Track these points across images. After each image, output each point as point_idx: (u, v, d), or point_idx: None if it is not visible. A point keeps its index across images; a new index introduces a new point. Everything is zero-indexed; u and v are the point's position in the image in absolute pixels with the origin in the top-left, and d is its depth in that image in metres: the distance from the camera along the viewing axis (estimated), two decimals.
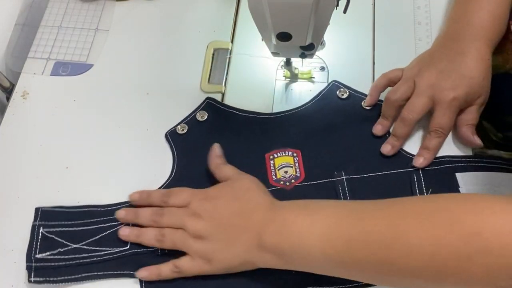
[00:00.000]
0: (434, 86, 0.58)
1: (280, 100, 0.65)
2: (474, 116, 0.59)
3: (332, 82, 0.65)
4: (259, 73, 0.67)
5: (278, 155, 0.60)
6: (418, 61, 0.62)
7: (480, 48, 0.59)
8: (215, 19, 0.72)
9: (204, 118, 0.64)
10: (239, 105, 0.65)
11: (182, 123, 0.64)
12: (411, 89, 0.59)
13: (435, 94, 0.58)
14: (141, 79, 0.68)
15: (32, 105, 0.67)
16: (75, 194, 0.60)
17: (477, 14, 0.60)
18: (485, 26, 0.60)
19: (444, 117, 0.57)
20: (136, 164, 0.62)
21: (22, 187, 0.61)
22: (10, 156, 0.64)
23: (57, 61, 0.71)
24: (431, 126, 0.58)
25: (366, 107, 0.63)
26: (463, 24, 0.61)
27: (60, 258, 0.55)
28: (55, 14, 0.74)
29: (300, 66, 0.66)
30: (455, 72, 0.58)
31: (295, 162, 0.60)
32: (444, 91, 0.57)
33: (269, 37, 0.53)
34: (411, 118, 0.58)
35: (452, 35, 0.61)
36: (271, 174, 0.59)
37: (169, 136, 0.63)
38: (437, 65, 0.59)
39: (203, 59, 0.69)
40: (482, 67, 0.58)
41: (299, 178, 0.59)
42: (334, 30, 0.66)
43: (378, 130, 0.60)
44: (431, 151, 0.58)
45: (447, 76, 0.58)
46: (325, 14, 0.48)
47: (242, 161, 0.59)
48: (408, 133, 0.59)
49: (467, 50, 0.59)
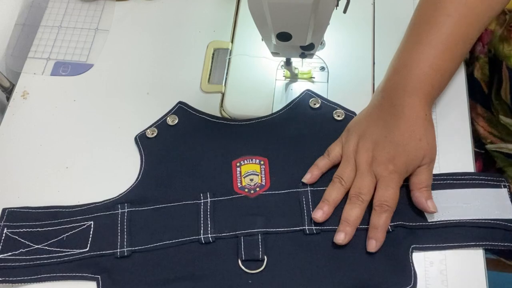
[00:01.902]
0: (373, 162, 0.56)
1: (280, 100, 0.65)
2: (425, 177, 0.55)
3: (305, 91, 0.64)
4: (259, 73, 0.67)
5: (245, 162, 0.60)
6: (356, 128, 0.59)
7: (415, 104, 0.56)
8: (215, 19, 0.72)
9: (175, 122, 0.63)
10: (239, 105, 0.65)
11: (152, 127, 0.63)
12: (354, 171, 0.56)
13: (375, 170, 0.55)
14: (141, 79, 0.68)
15: (32, 105, 0.67)
16: (75, 194, 0.60)
17: (417, 66, 0.57)
18: (423, 80, 0.57)
19: (387, 191, 0.54)
20: (136, 164, 0.62)
21: (22, 187, 0.61)
22: (10, 156, 0.64)
23: (57, 61, 0.71)
24: (375, 201, 0.54)
25: (337, 119, 0.62)
26: (401, 76, 0.58)
27: (21, 259, 0.55)
28: (55, 14, 0.74)
29: (300, 66, 0.66)
30: (389, 141, 0.55)
31: (261, 170, 0.59)
32: (381, 165, 0.55)
33: (269, 37, 0.53)
34: (361, 200, 0.54)
35: (390, 89, 0.59)
36: (237, 182, 0.59)
37: (138, 139, 0.63)
38: (372, 135, 0.57)
39: (203, 59, 0.69)
40: (417, 127, 0.55)
41: (264, 186, 0.58)
42: (334, 30, 0.66)
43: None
44: (380, 229, 0.53)
45: (382, 148, 0.56)
46: (325, 14, 0.48)
47: (208, 167, 0.60)
48: (360, 216, 0.54)
49: (401, 110, 0.56)
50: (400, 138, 0.55)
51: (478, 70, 0.70)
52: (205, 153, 0.61)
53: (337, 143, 0.59)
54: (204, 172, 0.59)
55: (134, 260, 0.55)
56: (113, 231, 0.56)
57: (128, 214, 0.57)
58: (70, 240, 0.56)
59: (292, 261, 0.54)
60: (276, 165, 0.60)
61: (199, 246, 0.55)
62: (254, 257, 0.54)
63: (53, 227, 0.57)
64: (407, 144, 0.55)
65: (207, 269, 0.54)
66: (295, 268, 0.54)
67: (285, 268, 0.54)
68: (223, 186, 0.58)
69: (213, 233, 0.56)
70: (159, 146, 0.62)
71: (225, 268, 0.54)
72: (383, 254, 0.53)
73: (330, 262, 0.54)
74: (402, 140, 0.55)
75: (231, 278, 0.54)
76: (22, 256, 0.55)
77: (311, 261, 0.54)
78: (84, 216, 0.58)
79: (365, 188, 0.55)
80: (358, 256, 0.54)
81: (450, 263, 0.54)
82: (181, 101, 0.65)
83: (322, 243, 0.55)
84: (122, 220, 0.57)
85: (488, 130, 0.72)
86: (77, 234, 0.57)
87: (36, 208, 0.59)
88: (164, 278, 0.54)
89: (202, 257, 0.55)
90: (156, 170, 0.60)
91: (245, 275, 0.54)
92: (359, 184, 0.55)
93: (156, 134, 0.63)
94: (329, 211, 0.55)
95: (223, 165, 0.60)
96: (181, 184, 0.59)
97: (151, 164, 0.61)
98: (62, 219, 0.57)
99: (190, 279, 0.54)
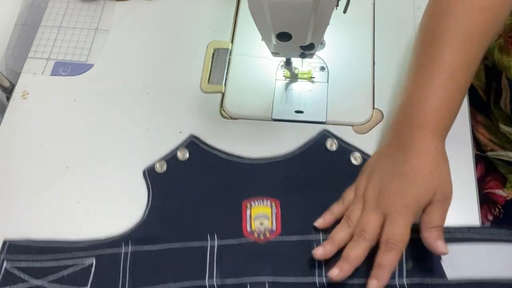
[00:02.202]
0: (380, 197, 0.52)
1: (280, 100, 0.65)
2: (437, 217, 0.51)
3: (323, 131, 0.62)
4: (259, 73, 0.67)
5: (255, 204, 0.58)
6: (367, 167, 0.58)
7: (426, 139, 0.53)
8: (215, 19, 0.72)
9: (186, 157, 0.61)
10: (239, 105, 0.65)
11: (162, 160, 0.61)
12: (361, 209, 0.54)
13: (382, 206, 0.52)
14: (141, 79, 0.68)
15: (32, 105, 0.67)
16: (75, 194, 0.60)
17: (422, 100, 0.55)
18: (429, 112, 0.54)
19: (393, 227, 0.50)
20: (136, 164, 0.62)
21: (22, 187, 0.61)
22: (10, 156, 0.64)
23: (57, 61, 0.71)
24: (382, 239, 0.51)
25: (354, 163, 0.59)
26: (407, 112, 0.56)
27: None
28: (55, 14, 0.74)
29: (300, 66, 0.66)
30: (398, 175, 0.53)
31: (272, 213, 0.57)
32: (389, 199, 0.51)
33: (269, 37, 0.53)
34: (363, 238, 0.51)
35: (398, 126, 0.57)
36: (246, 224, 0.57)
37: (147, 173, 0.61)
38: (380, 170, 0.55)
39: (203, 59, 0.69)
40: (427, 162, 0.52)
41: (274, 232, 0.56)
42: (334, 30, 0.66)
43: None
44: (386, 269, 0.50)
45: (390, 181, 0.53)
46: (325, 14, 0.48)
47: (218, 206, 0.58)
48: (361, 254, 0.51)
49: (410, 144, 0.53)
50: (410, 171, 0.52)
51: (474, 76, 0.70)
52: (215, 191, 0.59)
53: (352, 188, 0.57)
54: (213, 211, 0.58)
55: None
56: (115, 271, 0.55)
57: (131, 255, 0.56)
58: (70, 277, 0.55)
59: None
60: (288, 207, 0.57)
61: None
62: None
63: (54, 263, 0.56)
64: (417, 176, 0.52)
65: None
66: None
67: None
68: (232, 228, 0.56)
69: (219, 280, 0.54)
70: (168, 182, 0.60)
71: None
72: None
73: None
74: (412, 173, 0.52)
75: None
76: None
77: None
78: (86, 252, 0.56)
79: (369, 225, 0.51)
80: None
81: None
82: (193, 134, 0.63)
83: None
84: (125, 260, 0.55)
85: (488, 137, 0.71)
86: (78, 273, 0.55)
87: (38, 242, 0.57)
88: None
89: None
90: (164, 207, 0.59)
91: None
92: (363, 221, 0.52)
93: (166, 169, 0.61)
94: (332, 250, 0.52)
95: (233, 205, 0.58)
96: (188, 223, 0.57)
97: (159, 201, 0.59)
98: (64, 254, 0.56)
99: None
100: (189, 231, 0.57)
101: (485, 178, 0.72)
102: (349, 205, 0.55)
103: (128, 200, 0.59)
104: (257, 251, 0.55)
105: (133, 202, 0.59)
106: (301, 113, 0.64)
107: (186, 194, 0.59)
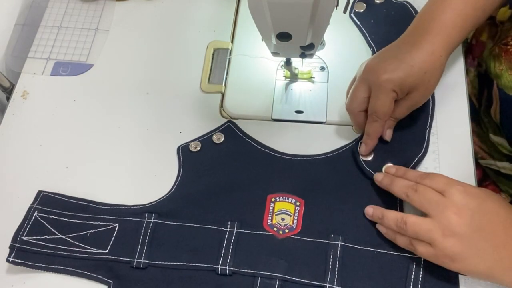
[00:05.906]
0: (371, 70, 0.56)
1: (280, 100, 0.65)
2: (400, 111, 0.58)
3: (359, 138, 0.61)
4: (259, 73, 0.67)
5: (280, 199, 0.58)
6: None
7: (434, 42, 0.56)
8: (215, 19, 0.72)
9: (220, 140, 0.62)
10: (239, 105, 0.65)
11: (197, 141, 0.62)
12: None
13: (370, 78, 0.56)
14: (141, 79, 0.68)
15: (32, 105, 0.67)
16: (75, 194, 0.60)
17: (443, 12, 0.58)
18: (447, 23, 0.57)
19: (377, 101, 0.56)
20: (136, 164, 0.62)
21: (22, 187, 0.61)
22: (10, 156, 0.64)
23: (57, 61, 0.71)
24: (368, 110, 0.57)
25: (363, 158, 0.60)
26: (426, 19, 0.59)
27: (44, 245, 0.56)
28: (55, 14, 0.74)
29: (300, 66, 0.66)
30: (396, 57, 0.56)
31: (295, 211, 0.57)
32: (378, 73, 0.55)
33: (269, 37, 0.53)
34: (374, 119, 0.57)
35: (413, 29, 0.60)
36: (267, 218, 0.57)
37: (180, 151, 0.62)
38: (382, 53, 0.58)
39: (203, 59, 0.69)
40: (428, 60, 0.55)
41: (294, 229, 0.56)
42: (334, 30, 0.66)
43: (362, 150, 0.59)
44: (372, 135, 0.58)
45: (384, 60, 0.56)
46: (325, 14, 0.48)
47: (244, 194, 0.58)
48: (379, 131, 0.58)
49: (419, 41, 0.56)
50: (409, 59, 0.55)
51: (468, 84, 0.69)
52: (243, 180, 0.59)
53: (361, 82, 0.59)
54: (238, 198, 0.58)
55: (148, 273, 0.55)
56: (135, 239, 0.56)
57: (153, 225, 0.57)
58: (93, 237, 0.57)
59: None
60: (312, 209, 0.57)
61: (213, 277, 0.54)
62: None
63: (80, 221, 0.57)
64: (413, 66, 0.55)
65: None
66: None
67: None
68: (253, 219, 0.57)
69: (231, 266, 0.54)
70: (200, 162, 0.61)
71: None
72: None
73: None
74: (410, 60, 0.55)
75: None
76: (45, 242, 0.56)
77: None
78: (112, 217, 0.58)
79: (356, 96, 0.57)
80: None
81: None
82: (231, 120, 0.64)
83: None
84: (146, 229, 0.56)
85: (479, 145, 0.71)
86: (101, 233, 0.57)
87: (69, 197, 0.59)
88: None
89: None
90: (191, 185, 0.60)
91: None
92: (373, 104, 0.57)
93: (200, 149, 0.62)
94: (372, 144, 0.58)
95: (258, 196, 0.58)
96: (212, 206, 0.58)
97: (188, 178, 0.60)
98: (91, 215, 0.58)
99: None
100: (212, 213, 0.58)
101: (483, 184, 0.72)
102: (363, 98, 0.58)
103: (159, 174, 0.61)
104: (274, 245, 0.55)
105: (164, 177, 0.61)
106: (301, 113, 0.64)
107: (215, 176, 0.60)
